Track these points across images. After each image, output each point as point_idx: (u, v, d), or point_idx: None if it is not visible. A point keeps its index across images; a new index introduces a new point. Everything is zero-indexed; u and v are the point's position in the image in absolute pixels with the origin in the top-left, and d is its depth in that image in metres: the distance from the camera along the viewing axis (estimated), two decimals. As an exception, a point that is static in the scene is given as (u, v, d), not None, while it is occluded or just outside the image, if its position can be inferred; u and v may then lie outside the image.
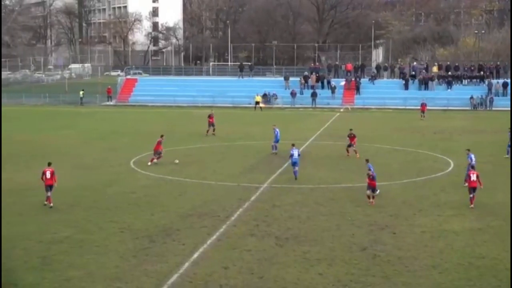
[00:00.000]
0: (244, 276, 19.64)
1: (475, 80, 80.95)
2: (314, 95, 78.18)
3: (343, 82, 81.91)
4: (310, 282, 19.20)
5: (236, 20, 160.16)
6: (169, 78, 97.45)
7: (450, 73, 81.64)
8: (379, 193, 29.07)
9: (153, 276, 19.53)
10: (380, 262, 20.86)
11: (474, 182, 28.12)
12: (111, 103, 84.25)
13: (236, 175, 35.12)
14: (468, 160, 32.20)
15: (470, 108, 74.99)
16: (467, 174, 28.87)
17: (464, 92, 77.39)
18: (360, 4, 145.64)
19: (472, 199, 28.01)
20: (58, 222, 25.46)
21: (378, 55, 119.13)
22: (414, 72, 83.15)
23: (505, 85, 77.62)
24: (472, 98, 75.40)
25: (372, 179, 28.48)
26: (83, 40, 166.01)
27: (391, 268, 20.35)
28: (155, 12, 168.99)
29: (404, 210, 27.61)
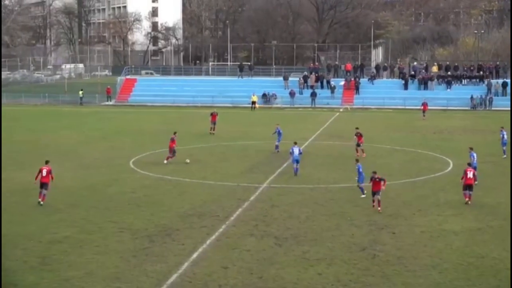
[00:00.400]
0: (244, 276, 19.65)
1: (474, 80, 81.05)
2: (313, 95, 78.23)
3: (342, 82, 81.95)
4: (309, 282, 19.20)
5: (235, 20, 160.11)
6: (168, 78, 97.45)
7: (449, 73, 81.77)
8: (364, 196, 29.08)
9: (152, 276, 19.54)
10: (379, 262, 20.87)
11: (470, 179, 28.28)
12: (110, 103, 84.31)
13: (235, 175, 35.14)
14: (471, 158, 32.27)
15: (469, 108, 75.04)
16: (464, 171, 28.88)
17: (463, 92, 77.45)
18: (359, 4, 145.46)
19: (469, 196, 28.17)
20: (58, 222, 25.46)
21: (377, 55, 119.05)
22: (413, 72, 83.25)
23: (504, 85, 77.68)
24: (472, 98, 75.47)
25: (377, 182, 27.05)
26: (82, 40, 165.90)
27: (390, 268, 20.36)
28: (154, 12, 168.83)
29: (403, 210, 27.61)
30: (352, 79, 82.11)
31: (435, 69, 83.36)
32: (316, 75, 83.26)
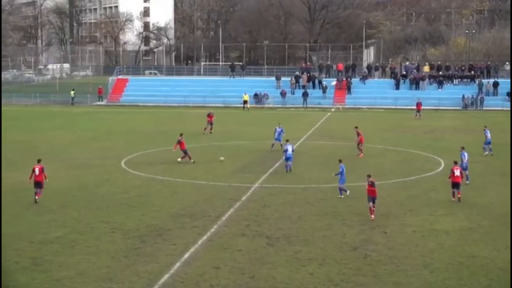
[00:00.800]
0: (235, 276, 19.65)
1: (466, 80, 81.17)
2: (305, 95, 78.26)
3: (334, 82, 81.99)
4: (301, 281, 19.22)
5: (227, 20, 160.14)
6: (160, 78, 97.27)
7: (441, 72, 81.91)
8: (348, 193, 29.20)
9: (144, 276, 19.51)
10: (371, 262, 20.90)
11: (457, 177, 28.42)
12: (102, 103, 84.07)
13: (227, 175, 35.12)
14: (461, 157, 32.33)
15: (461, 108, 75.21)
16: (451, 169, 28.96)
17: (455, 92, 77.60)
18: (351, 4, 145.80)
19: (457, 194, 28.33)
20: (49, 222, 25.40)
21: (369, 55, 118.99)
22: (405, 72, 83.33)
23: (495, 84, 77.89)
24: (463, 97, 75.64)
25: (371, 186, 26.15)
26: (74, 40, 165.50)
27: (382, 267, 20.40)
28: (146, 12, 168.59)
29: (395, 209, 27.66)
30: (344, 79, 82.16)
31: (426, 69, 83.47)
32: (308, 75, 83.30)
